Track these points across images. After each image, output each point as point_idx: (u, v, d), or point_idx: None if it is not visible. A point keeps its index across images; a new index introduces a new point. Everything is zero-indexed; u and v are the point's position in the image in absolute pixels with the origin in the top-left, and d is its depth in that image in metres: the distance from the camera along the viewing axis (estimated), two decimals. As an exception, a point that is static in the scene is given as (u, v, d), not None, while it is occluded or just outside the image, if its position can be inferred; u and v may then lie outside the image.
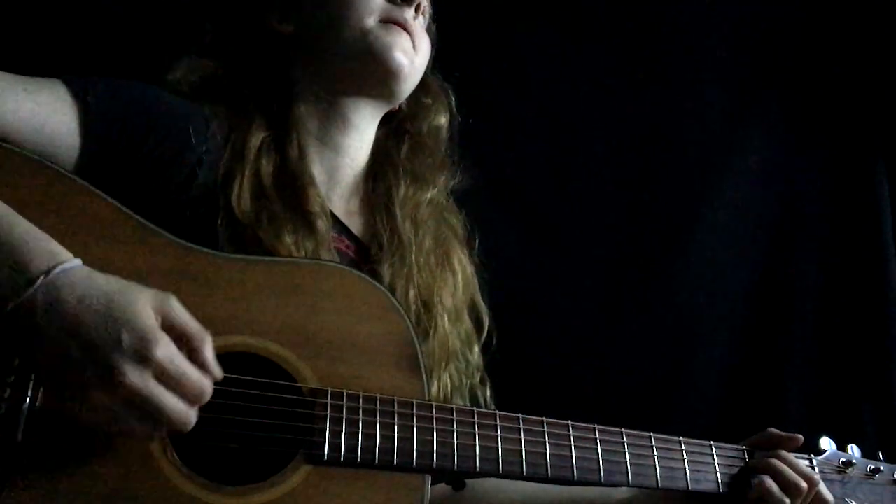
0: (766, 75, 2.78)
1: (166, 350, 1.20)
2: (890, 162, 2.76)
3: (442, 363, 1.72)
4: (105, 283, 1.23)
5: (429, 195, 1.85)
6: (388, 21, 1.74)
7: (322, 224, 1.63)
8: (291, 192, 1.64)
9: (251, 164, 1.62)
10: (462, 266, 1.87)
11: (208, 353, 1.26)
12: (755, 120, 2.76)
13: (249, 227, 1.55)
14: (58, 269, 1.21)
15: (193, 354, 1.24)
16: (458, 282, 1.84)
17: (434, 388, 1.68)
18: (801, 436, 1.68)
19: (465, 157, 1.97)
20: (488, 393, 1.83)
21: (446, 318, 1.76)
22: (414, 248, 1.77)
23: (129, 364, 1.17)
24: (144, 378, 1.18)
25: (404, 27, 1.75)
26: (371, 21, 1.73)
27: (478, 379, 1.82)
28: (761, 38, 2.79)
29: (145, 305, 1.22)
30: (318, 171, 1.73)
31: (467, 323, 1.85)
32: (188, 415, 1.23)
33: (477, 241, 1.96)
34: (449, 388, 1.73)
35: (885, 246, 2.69)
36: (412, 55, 1.77)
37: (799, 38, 2.81)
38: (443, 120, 1.94)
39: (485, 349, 1.88)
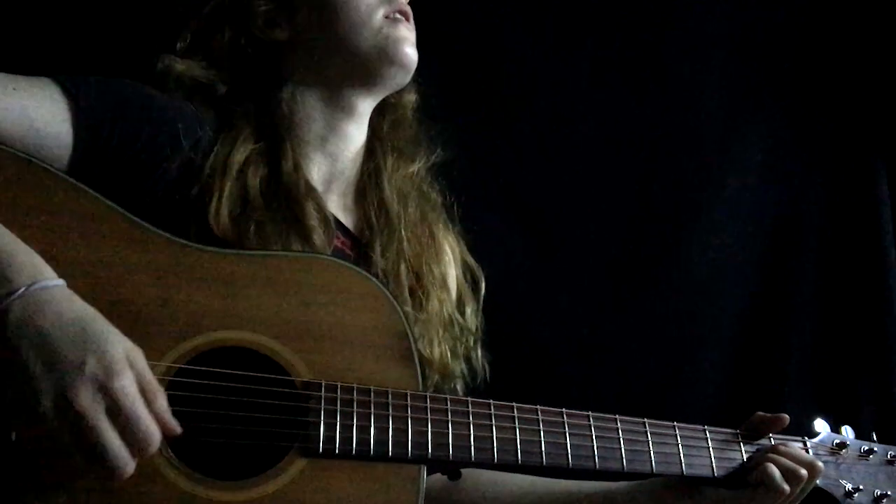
0: (766, 75, 2.78)
1: (126, 384, 1.18)
2: (890, 162, 2.76)
3: (439, 331, 1.73)
4: (84, 310, 1.23)
5: (412, 169, 1.87)
6: (391, 13, 1.74)
7: (318, 238, 1.63)
8: (285, 204, 1.63)
9: (234, 180, 1.60)
10: (444, 235, 1.88)
11: (163, 403, 1.23)
12: (755, 120, 2.76)
13: (231, 240, 1.53)
14: (39, 285, 1.21)
15: (150, 404, 1.22)
16: (442, 251, 1.85)
17: (436, 355, 1.70)
18: (786, 415, 1.69)
19: (466, 157, 1.97)
20: (479, 353, 1.83)
21: (437, 287, 1.77)
22: (402, 222, 1.78)
23: (85, 387, 1.15)
24: (96, 407, 1.16)
25: (405, 14, 1.77)
26: (379, 18, 1.73)
27: (472, 342, 1.83)
28: (761, 39, 2.79)
29: (118, 342, 1.21)
30: (315, 179, 1.73)
31: (461, 284, 1.87)
32: (126, 464, 1.18)
33: (457, 208, 1.95)
34: (448, 356, 1.73)
35: (884, 245, 2.70)
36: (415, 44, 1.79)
37: (799, 39, 2.80)
38: (411, 98, 1.93)
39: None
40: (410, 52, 1.76)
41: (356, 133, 1.82)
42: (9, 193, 1.30)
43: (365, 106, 1.81)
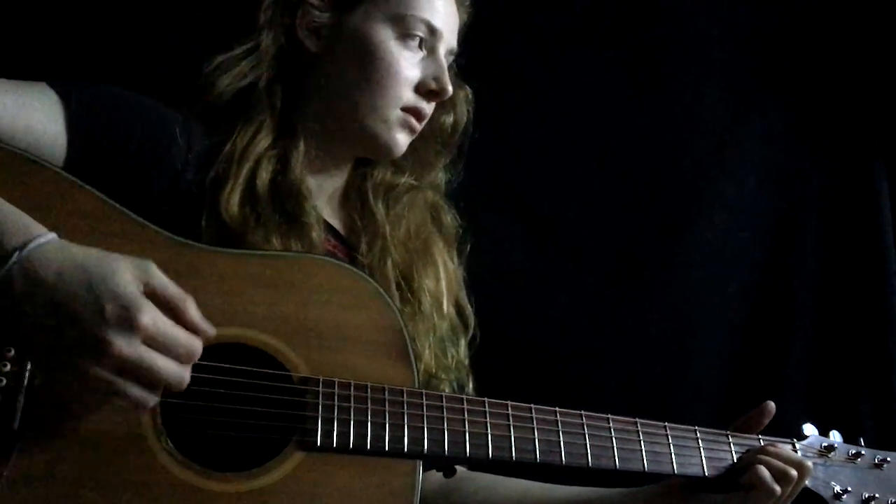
0: (766, 75, 2.78)
1: (151, 315, 1.20)
2: (889, 162, 2.75)
3: (429, 337, 1.74)
4: (82, 255, 1.23)
5: (403, 180, 1.86)
6: (409, 111, 1.74)
7: (315, 235, 1.65)
8: (288, 202, 1.65)
9: (247, 170, 1.63)
10: (444, 262, 1.86)
11: (193, 313, 1.26)
12: (755, 120, 2.76)
13: (236, 229, 1.56)
14: (32, 245, 1.21)
15: (178, 317, 1.24)
16: (439, 274, 1.83)
17: (424, 356, 1.70)
18: (771, 402, 1.72)
19: (465, 156, 1.98)
20: (471, 386, 1.83)
21: (427, 296, 1.77)
22: (388, 227, 1.78)
23: (115, 334, 1.17)
24: (133, 345, 1.18)
25: (421, 116, 1.77)
26: (397, 112, 1.73)
27: (463, 373, 1.82)
28: (761, 39, 2.78)
29: (125, 273, 1.21)
30: (311, 183, 1.74)
31: (452, 317, 1.85)
32: (181, 373, 1.23)
33: (468, 246, 1.95)
34: (434, 368, 1.73)
35: (884, 245, 2.69)
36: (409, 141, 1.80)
37: (799, 39, 2.79)
38: (445, 119, 1.90)
39: (469, 347, 1.89)
40: (400, 149, 1.77)
41: (347, 157, 1.84)
42: (11, 191, 1.31)
43: (352, 152, 1.83)
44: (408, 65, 1.73)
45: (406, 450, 1.44)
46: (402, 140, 1.77)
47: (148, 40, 2.22)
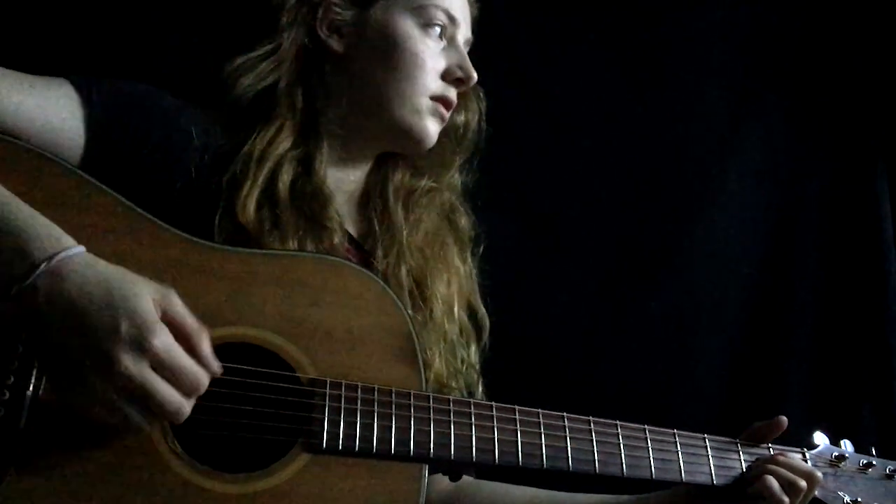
0: (766, 76, 2.79)
1: (164, 340, 1.21)
2: (890, 162, 2.77)
3: (440, 342, 1.73)
4: (107, 272, 1.24)
5: (423, 183, 1.85)
6: (437, 99, 1.75)
7: (338, 240, 1.64)
8: (308, 206, 1.64)
9: (267, 171, 1.61)
10: (457, 265, 1.85)
11: (206, 347, 1.27)
12: (755, 120, 2.77)
13: (251, 231, 1.55)
14: (60, 255, 1.22)
15: (191, 349, 1.25)
16: (452, 278, 1.82)
17: (435, 362, 1.69)
18: (784, 418, 1.69)
19: (481, 154, 1.98)
20: (480, 389, 1.82)
21: (441, 305, 1.76)
22: (405, 231, 1.78)
23: (126, 352, 1.18)
24: (141, 367, 1.19)
25: (450, 104, 1.78)
26: (426, 100, 1.74)
27: (473, 377, 1.82)
28: (762, 39, 2.80)
29: (146, 296, 1.23)
30: (331, 185, 1.72)
31: (463, 321, 1.84)
32: (182, 405, 1.23)
33: (482, 248, 1.95)
34: (445, 372, 1.72)
35: (884, 245, 2.71)
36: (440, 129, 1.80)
37: (799, 39, 2.81)
38: (456, 118, 1.89)
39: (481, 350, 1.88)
40: (432, 139, 1.77)
41: (369, 155, 1.83)
42: (22, 187, 1.30)
43: (379, 149, 1.83)
44: (432, 54, 1.74)
45: (412, 453, 1.43)
46: (434, 129, 1.77)
47: (148, 40, 2.23)
